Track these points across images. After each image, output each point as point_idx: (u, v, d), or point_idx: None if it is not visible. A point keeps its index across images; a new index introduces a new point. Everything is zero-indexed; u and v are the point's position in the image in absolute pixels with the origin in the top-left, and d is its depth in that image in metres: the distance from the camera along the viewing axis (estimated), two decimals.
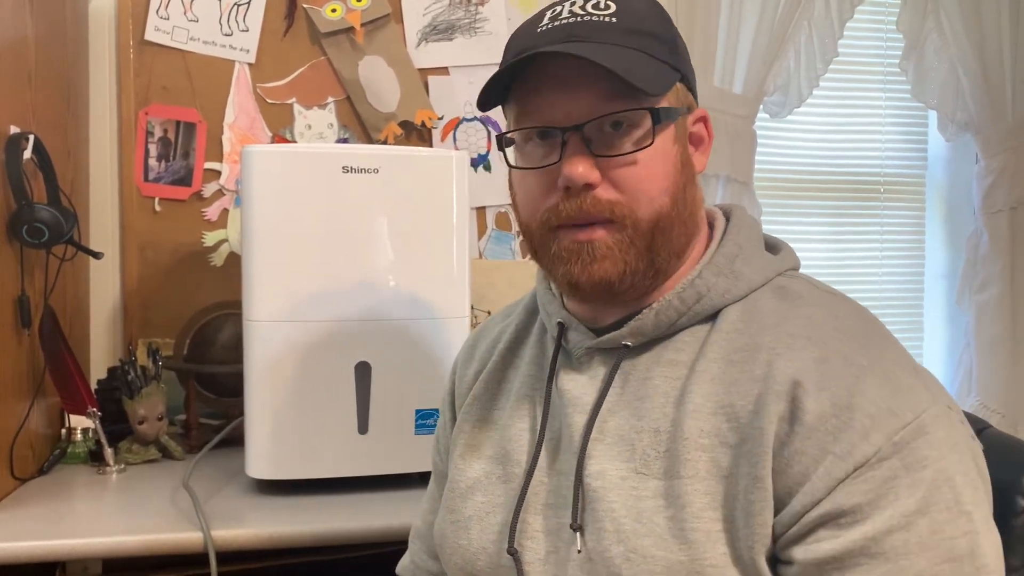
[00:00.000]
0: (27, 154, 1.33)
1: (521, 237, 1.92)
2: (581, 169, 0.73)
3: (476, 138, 1.90)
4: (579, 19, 0.75)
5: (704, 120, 0.82)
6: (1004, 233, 2.16)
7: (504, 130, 0.80)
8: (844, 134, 2.25)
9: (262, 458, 1.31)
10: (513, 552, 0.78)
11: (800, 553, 0.66)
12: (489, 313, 1.85)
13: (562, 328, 0.83)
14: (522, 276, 1.91)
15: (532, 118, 0.76)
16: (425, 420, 1.35)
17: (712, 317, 0.77)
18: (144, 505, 1.28)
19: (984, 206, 2.18)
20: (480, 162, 1.91)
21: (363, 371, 1.32)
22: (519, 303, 0.96)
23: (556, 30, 0.75)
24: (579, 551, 0.73)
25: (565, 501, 0.77)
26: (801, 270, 0.83)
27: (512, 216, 1.92)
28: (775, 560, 0.69)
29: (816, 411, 0.67)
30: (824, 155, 2.23)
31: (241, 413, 1.36)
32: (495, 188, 1.92)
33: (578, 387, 0.80)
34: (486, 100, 0.78)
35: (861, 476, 0.65)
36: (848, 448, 0.66)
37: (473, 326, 1.76)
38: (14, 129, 1.33)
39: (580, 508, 0.75)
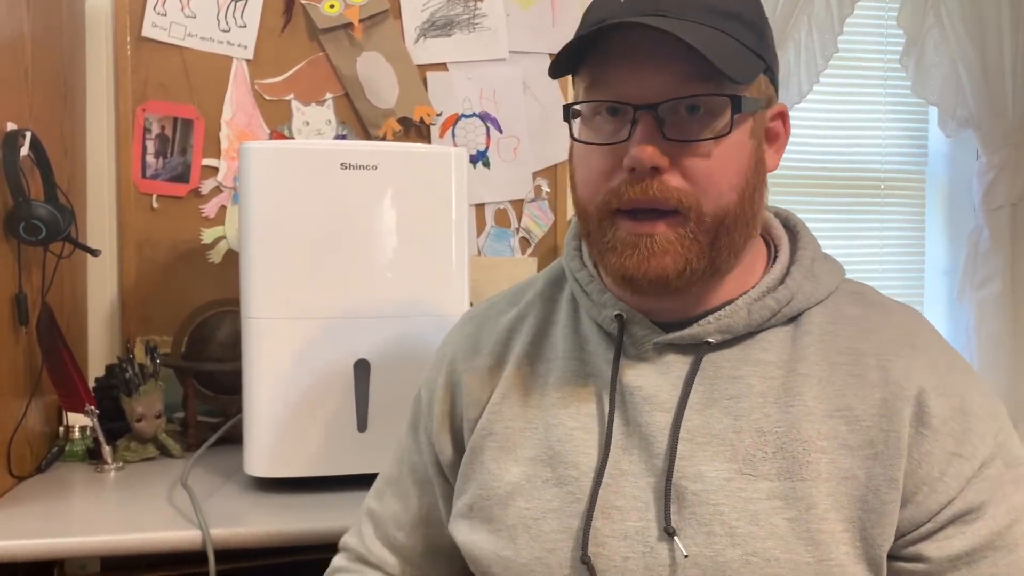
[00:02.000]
0: (24, 151, 1.33)
1: (519, 235, 1.93)
2: (650, 151, 0.69)
3: (475, 134, 1.90)
4: None
5: (783, 116, 0.79)
6: (1005, 229, 2.16)
7: (570, 101, 0.76)
8: (844, 130, 2.24)
9: (261, 456, 1.31)
10: (587, 560, 0.73)
11: (932, 550, 0.70)
12: None
13: (622, 321, 0.78)
14: (521, 273, 1.91)
15: (603, 91, 0.72)
16: None
17: (792, 319, 0.77)
18: (142, 503, 1.28)
19: (985, 202, 2.17)
20: (479, 158, 1.90)
21: (362, 368, 1.32)
22: (526, 289, 0.90)
23: (640, 2, 0.70)
24: (686, 555, 0.71)
25: (643, 504, 0.73)
26: None
27: (511, 213, 1.92)
28: (888, 556, 0.71)
29: (940, 415, 0.71)
30: (824, 151, 2.23)
31: (239, 411, 1.36)
32: (494, 185, 1.91)
33: (651, 384, 0.76)
34: (558, 68, 0.74)
35: (982, 474, 0.70)
36: (972, 449, 0.71)
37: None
38: (11, 126, 1.33)
39: (671, 511, 0.72)
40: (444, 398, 0.89)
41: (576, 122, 0.75)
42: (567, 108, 0.75)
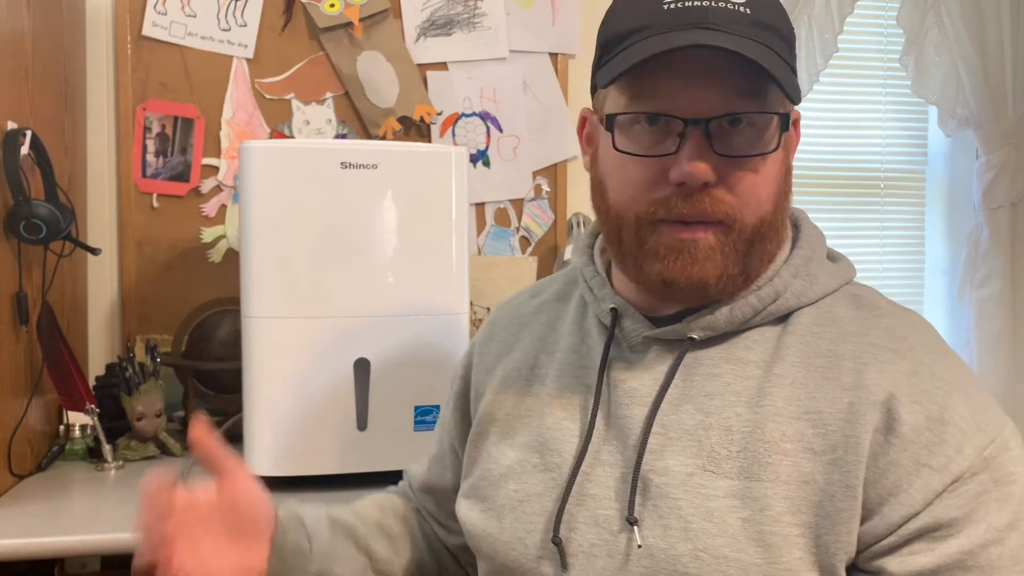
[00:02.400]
0: (24, 150, 1.33)
1: (519, 234, 1.92)
2: (703, 167, 0.69)
3: (475, 134, 1.90)
4: (714, 4, 0.70)
5: (797, 123, 0.80)
6: (1005, 229, 2.16)
7: (604, 106, 0.75)
8: (844, 129, 2.24)
9: (261, 455, 1.31)
10: (558, 542, 0.76)
11: (895, 565, 0.67)
12: (488, 310, 1.85)
13: (615, 315, 0.80)
14: (521, 272, 1.91)
15: (650, 103, 0.71)
16: (424, 416, 1.35)
17: (782, 318, 0.76)
18: None
19: (985, 202, 2.17)
20: (479, 158, 1.90)
21: (362, 367, 1.32)
22: (548, 285, 0.93)
23: (687, 11, 0.70)
24: (639, 546, 0.72)
25: (614, 493, 0.75)
26: None
27: (512, 212, 1.92)
28: (851, 569, 0.69)
29: (912, 423, 0.68)
30: (824, 150, 2.23)
31: (239, 410, 1.36)
32: (494, 184, 1.91)
33: (634, 378, 0.78)
34: (607, 76, 0.72)
35: (956, 490, 0.66)
36: (944, 461, 0.67)
37: (472, 323, 1.76)
38: (11, 125, 1.33)
39: (638, 502, 0.73)
40: (460, 378, 0.95)
41: (614, 130, 0.74)
42: (610, 118, 0.74)
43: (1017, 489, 0.67)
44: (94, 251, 1.51)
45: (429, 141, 1.87)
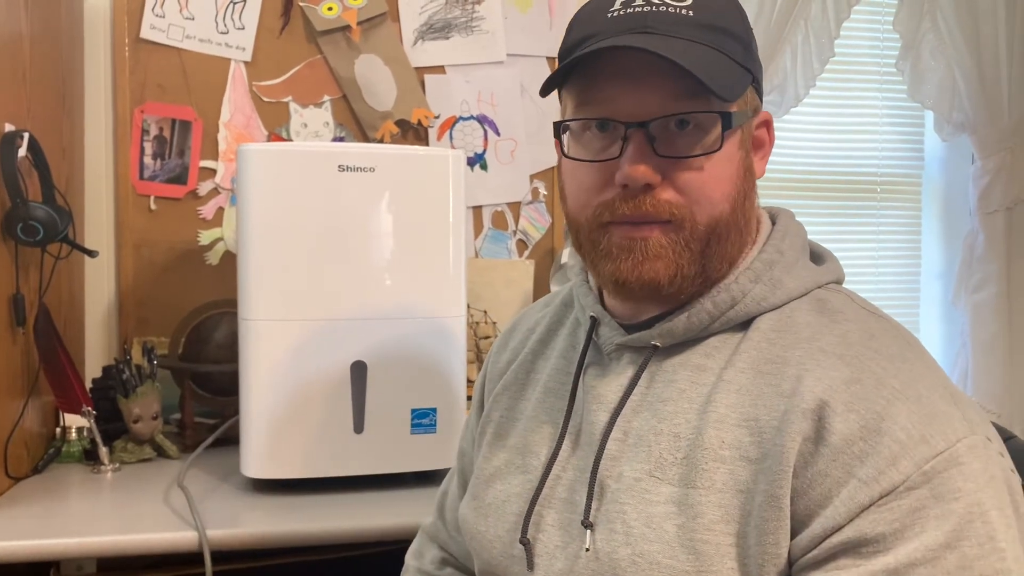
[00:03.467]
0: (22, 152, 1.33)
1: (516, 237, 1.93)
2: (643, 169, 0.70)
3: (473, 137, 1.90)
4: (654, 8, 0.71)
5: (767, 124, 0.79)
6: (1000, 233, 2.16)
7: (561, 118, 0.77)
8: (840, 134, 2.25)
9: (257, 457, 1.31)
10: (525, 543, 0.77)
11: None
12: (485, 313, 1.85)
13: (594, 323, 0.82)
14: (518, 275, 1.91)
15: (594, 108, 0.73)
16: (421, 420, 1.35)
17: (746, 324, 0.75)
18: (139, 504, 1.28)
19: (980, 206, 2.18)
20: (476, 161, 1.91)
21: (359, 370, 1.32)
22: (558, 295, 0.94)
23: (628, 18, 0.71)
24: (587, 549, 0.73)
25: (577, 497, 0.76)
26: None
27: (509, 215, 1.93)
28: None
29: (843, 433, 0.65)
30: (820, 155, 2.23)
31: (236, 412, 1.36)
32: (491, 187, 1.92)
33: (603, 384, 0.79)
34: (549, 86, 0.75)
35: (887, 504, 0.63)
36: (874, 474, 0.63)
37: (469, 326, 1.76)
38: (9, 127, 1.33)
39: (593, 506, 0.74)
40: (480, 388, 0.97)
41: (565, 137, 0.76)
42: (557, 125, 0.76)
43: (960, 507, 0.62)
44: (91, 253, 1.51)
45: (427, 144, 1.87)
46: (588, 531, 0.73)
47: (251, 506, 1.28)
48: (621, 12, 0.72)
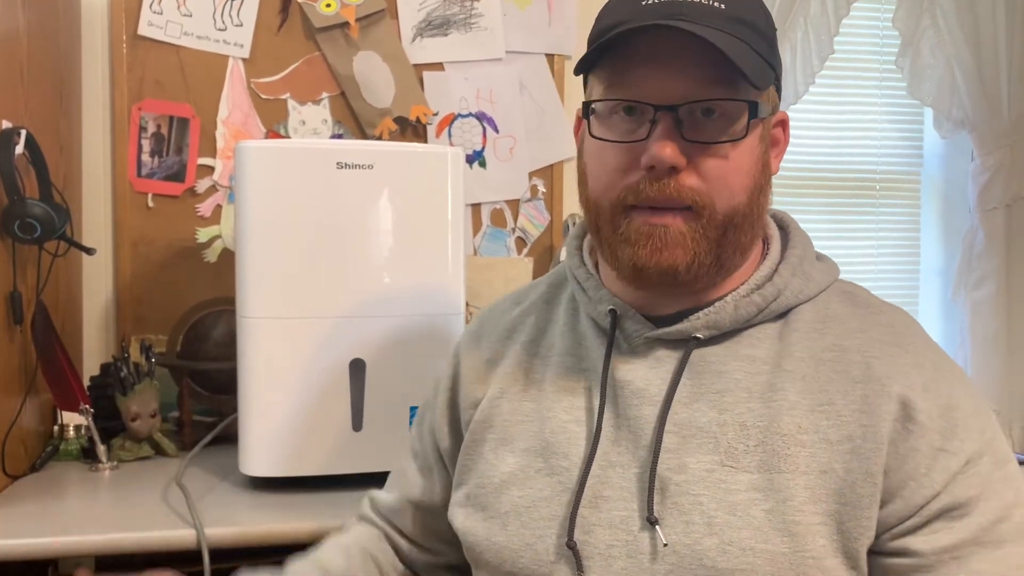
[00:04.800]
0: (19, 149, 1.32)
1: (515, 235, 1.93)
2: (669, 151, 0.71)
3: (471, 134, 1.90)
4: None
5: (784, 124, 0.82)
6: (1000, 230, 2.16)
7: (587, 99, 0.78)
8: (840, 131, 2.24)
9: (256, 455, 1.31)
10: (572, 545, 0.76)
11: (919, 543, 0.70)
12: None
13: (615, 316, 0.81)
14: (517, 273, 1.91)
15: (623, 91, 0.74)
16: None
17: (781, 316, 0.78)
18: (137, 502, 1.28)
19: (980, 203, 2.18)
20: (475, 158, 1.90)
21: (358, 368, 1.32)
22: (530, 291, 0.94)
23: (661, 7, 0.73)
24: (664, 544, 0.73)
25: (629, 494, 0.76)
26: None
27: (508, 213, 1.92)
28: (872, 552, 0.72)
29: (927, 411, 0.72)
30: (820, 152, 2.23)
31: (235, 410, 1.36)
32: (490, 185, 1.91)
33: (640, 378, 0.78)
34: (582, 66, 0.76)
35: (970, 471, 0.71)
36: (959, 445, 0.72)
37: (468, 323, 1.76)
38: (6, 124, 1.33)
39: (656, 500, 0.74)
40: (447, 389, 0.94)
41: (591, 119, 0.77)
42: (586, 105, 0.77)
43: (1012, 468, 0.73)
44: (89, 251, 1.51)
45: (425, 141, 1.87)
46: (656, 527, 0.73)
47: (250, 504, 1.28)
48: (655, 1, 0.73)
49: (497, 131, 1.91)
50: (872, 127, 2.26)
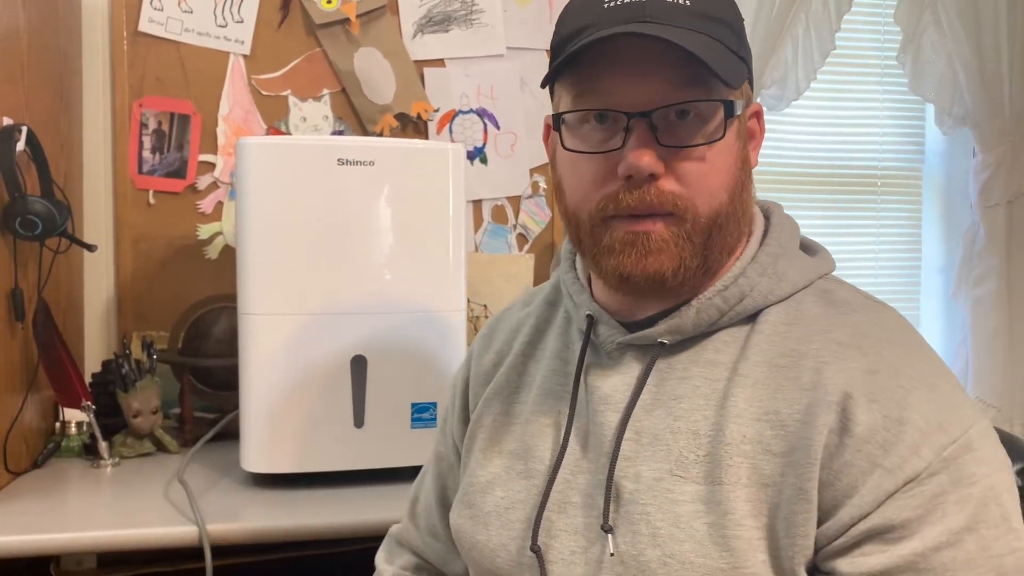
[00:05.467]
0: (20, 146, 1.32)
1: (516, 231, 1.93)
2: (647, 159, 0.69)
3: (472, 131, 1.90)
4: None
5: (758, 115, 0.79)
6: (1001, 227, 2.16)
7: (558, 110, 0.75)
8: (841, 127, 2.24)
9: (257, 452, 1.31)
10: (536, 550, 0.76)
11: (845, 566, 0.65)
12: (485, 307, 1.85)
13: (591, 321, 0.80)
14: (518, 270, 1.91)
15: (593, 99, 0.72)
16: (421, 414, 1.35)
17: (752, 317, 0.75)
18: (138, 499, 1.28)
19: (981, 200, 2.17)
20: (476, 155, 1.90)
21: (359, 365, 1.32)
22: (539, 292, 0.93)
23: (625, 8, 0.70)
24: (611, 553, 0.71)
25: (592, 500, 0.75)
26: None
27: (509, 209, 1.92)
28: (813, 570, 0.68)
29: (867, 423, 0.66)
30: (821, 148, 2.23)
31: (236, 407, 1.36)
32: (491, 181, 1.91)
33: (609, 384, 0.77)
34: (549, 78, 0.74)
35: (911, 491, 0.65)
36: (899, 462, 0.65)
37: (469, 320, 1.76)
38: (7, 121, 1.33)
39: (611, 508, 0.73)
40: (461, 392, 0.94)
41: (562, 130, 0.75)
42: (555, 118, 0.75)
43: (977, 491, 0.65)
44: (90, 247, 1.51)
45: (426, 138, 1.87)
46: (610, 535, 0.72)
47: (251, 500, 1.28)
48: (618, 2, 0.71)
49: (498, 127, 1.91)
50: (873, 123, 2.26)
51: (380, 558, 1.01)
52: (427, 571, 0.97)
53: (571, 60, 0.71)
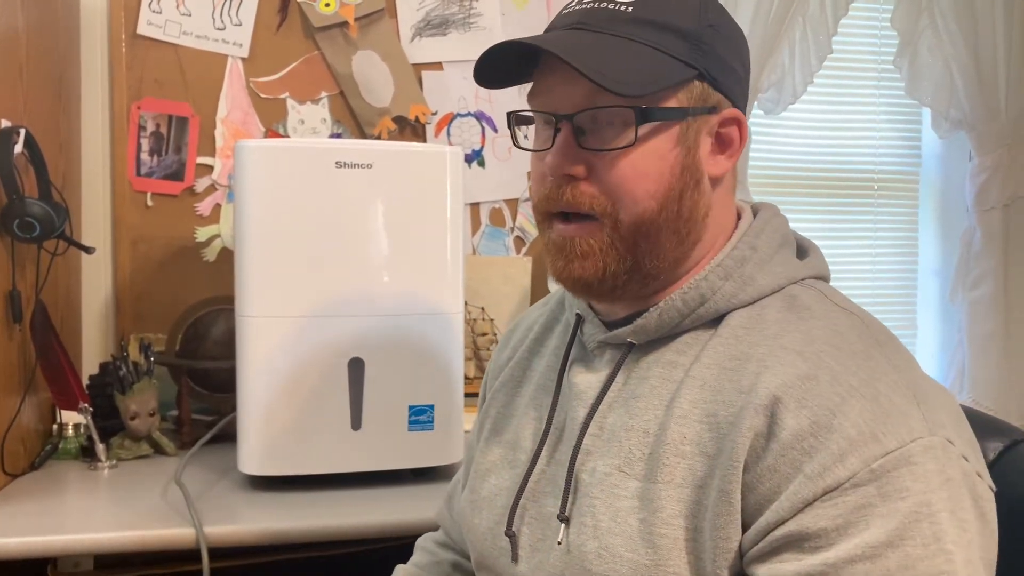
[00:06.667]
0: (18, 148, 1.32)
1: (513, 234, 1.93)
2: (560, 160, 0.73)
3: (470, 134, 1.90)
4: (596, 5, 0.74)
5: (738, 122, 0.77)
6: (997, 230, 2.17)
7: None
8: (838, 131, 2.25)
9: (254, 454, 1.31)
10: (511, 535, 0.80)
11: (763, 572, 0.65)
12: (483, 310, 1.85)
13: (579, 320, 0.84)
14: (516, 272, 1.91)
15: (536, 101, 0.77)
16: (418, 416, 1.35)
17: (717, 321, 0.75)
18: (136, 501, 1.28)
19: (977, 203, 2.18)
20: (474, 158, 1.91)
21: (356, 367, 1.32)
22: (556, 294, 0.96)
23: (572, 14, 0.75)
24: (559, 542, 0.75)
25: (558, 491, 0.78)
26: None
27: (506, 212, 1.93)
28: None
29: (793, 428, 0.65)
30: (818, 152, 2.23)
31: (233, 409, 1.36)
32: (489, 184, 1.91)
33: (584, 380, 0.81)
34: (491, 77, 0.78)
35: (831, 500, 0.63)
36: (820, 469, 0.63)
37: (467, 323, 1.76)
38: (5, 123, 1.33)
39: (569, 500, 0.76)
40: (485, 387, 0.99)
41: (528, 130, 0.81)
42: (510, 115, 0.81)
43: (906, 506, 0.62)
44: (88, 249, 1.51)
45: (424, 141, 1.87)
46: (563, 525, 0.75)
47: (248, 503, 1.28)
48: (573, 8, 0.76)
49: (496, 130, 1.91)
50: (870, 127, 2.27)
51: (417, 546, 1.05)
52: (452, 549, 1.02)
53: (483, 61, 0.76)
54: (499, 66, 0.77)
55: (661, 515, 0.70)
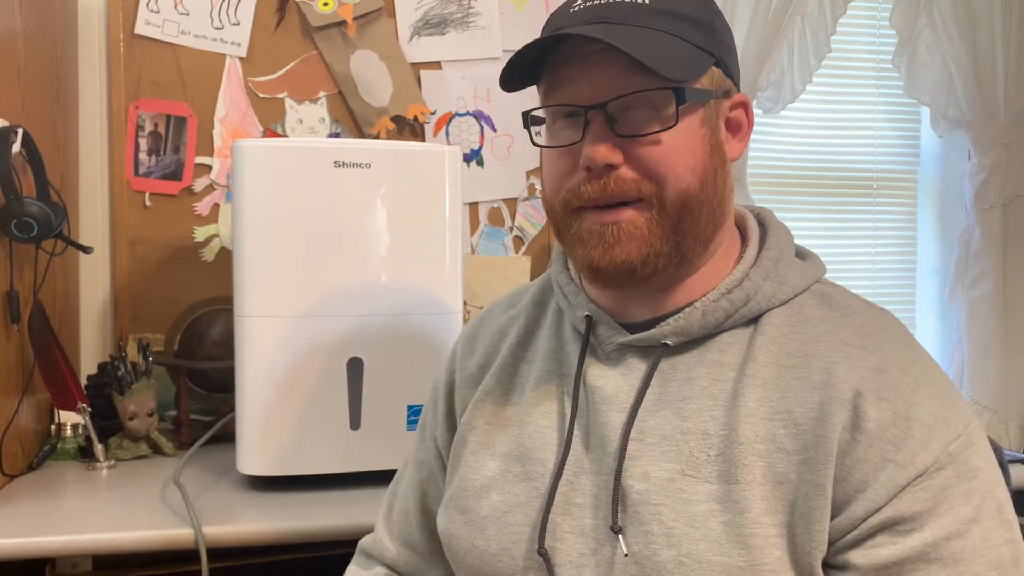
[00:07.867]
0: (16, 148, 1.32)
1: (512, 233, 1.93)
2: (602, 150, 0.72)
3: (469, 133, 1.90)
4: (611, 0, 0.74)
5: (745, 106, 0.80)
6: (996, 229, 2.16)
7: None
8: (837, 130, 2.24)
9: (253, 454, 1.31)
10: (543, 553, 0.76)
11: (859, 558, 0.68)
12: (482, 309, 1.85)
13: (590, 322, 0.81)
14: (515, 272, 1.91)
15: (558, 96, 0.76)
16: (417, 416, 1.35)
17: (753, 320, 0.77)
18: (134, 501, 1.28)
19: (976, 202, 2.18)
20: (473, 157, 1.90)
21: (355, 367, 1.32)
22: (523, 293, 0.94)
23: (588, 10, 0.75)
24: (625, 554, 0.72)
25: (598, 501, 0.75)
26: None
27: (505, 212, 1.92)
28: (825, 564, 0.70)
29: (877, 420, 0.69)
30: (817, 151, 2.23)
31: (232, 409, 1.36)
32: (488, 184, 1.91)
33: (611, 384, 0.78)
34: (510, 79, 0.77)
35: (921, 484, 0.68)
36: (909, 457, 0.68)
37: (465, 322, 1.76)
38: (3, 123, 1.32)
39: (619, 509, 0.74)
40: (445, 395, 0.93)
41: (542, 128, 0.79)
42: (525, 115, 0.79)
43: (979, 484, 0.69)
44: (86, 250, 1.51)
45: (423, 140, 1.87)
46: (620, 536, 0.73)
47: (247, 503, 1.28)
48: (583, 6, 0.75)
49: (495, 130, 1.91)
50: (869, 126, 2.27)
51: (351, 573, 0.98)
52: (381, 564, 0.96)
53: (522, 58, 0.75)
54: (520, 67, 0.77)
55: (749, 515, 0.70)
